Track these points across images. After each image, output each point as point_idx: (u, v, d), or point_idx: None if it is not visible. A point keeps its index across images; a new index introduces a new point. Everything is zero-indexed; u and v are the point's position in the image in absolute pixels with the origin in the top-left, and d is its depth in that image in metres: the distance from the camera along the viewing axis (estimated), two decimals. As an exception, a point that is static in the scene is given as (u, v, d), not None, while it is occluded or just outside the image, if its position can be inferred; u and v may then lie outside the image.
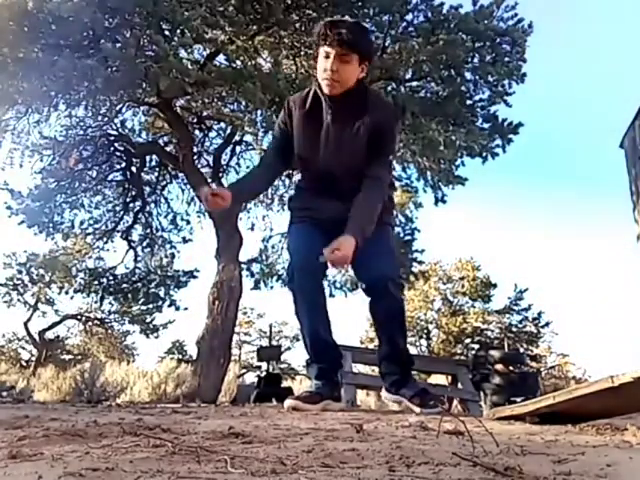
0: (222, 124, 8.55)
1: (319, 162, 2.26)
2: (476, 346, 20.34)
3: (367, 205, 2.16)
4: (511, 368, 5.97)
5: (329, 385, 2.29)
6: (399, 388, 2.31)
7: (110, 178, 9.05)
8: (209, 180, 8.30)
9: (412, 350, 21.25)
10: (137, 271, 9.80)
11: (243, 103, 6.63)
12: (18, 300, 16.90)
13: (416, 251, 9.52)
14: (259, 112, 6.69)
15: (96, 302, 10.86)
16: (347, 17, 2.45)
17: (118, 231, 9.37)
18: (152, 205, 9.42)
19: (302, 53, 6.83)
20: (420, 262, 9.83)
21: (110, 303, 11.70)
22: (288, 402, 2.18)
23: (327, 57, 2.08)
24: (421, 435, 1.35)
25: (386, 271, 2.27)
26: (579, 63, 34.01)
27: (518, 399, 3.76)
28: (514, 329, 21.27)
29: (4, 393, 7.81)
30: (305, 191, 2.47)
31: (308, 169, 2.39)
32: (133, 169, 8.95)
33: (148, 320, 15.89)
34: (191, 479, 0.83)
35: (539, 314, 21.26)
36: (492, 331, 21.60)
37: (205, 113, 7.88)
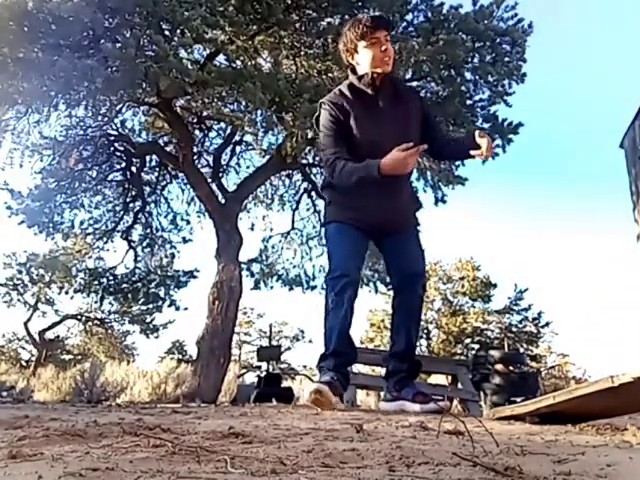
0: (222, 124, 8.55)
1: (380, 145, 2.22)
2: (476, 346, 20.33)
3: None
4: (511, 368, 5.97)
5: (343, 379, 2.29)
6: (403, 387, 2.33)
7: (110, 178, 9.05)
8: (209, 180, 8.30)
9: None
10: (137, 271, 9.81)
11: (243, 103, 6.63)
12: (18, 300, 16.93)
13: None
14: (259, 112, 6.69)
15: (96, 302, 10.86)
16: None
17: (118, 231, 9.38)
18: (152, 205, 9.43)
19: (302, 53, 6.82)
20: (420, 262, 9.80)
21: (110, 303, 11.71)
22: (315, 386, 2.11)
23: (375, 43, 2.30)
24: (421, 435, 1.35)
25: (421, 270, 2.45)
26: (579, 63, 34.02)
27: (518, 399, 3.76)
28: (514, 329, 21.26)
29: (4, 393, 7.81)
30: (353, 187, 2.33)
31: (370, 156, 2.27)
32: (133, 169, 8.95)
33: (148, 320, 15.91)
34: (191, 479, 0.83)
35: (539, 314, 21.26)
36: (492, 331, 21.60)
37: (205, 113, 7.88)
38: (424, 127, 2.43)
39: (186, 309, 10.83)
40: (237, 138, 8.83)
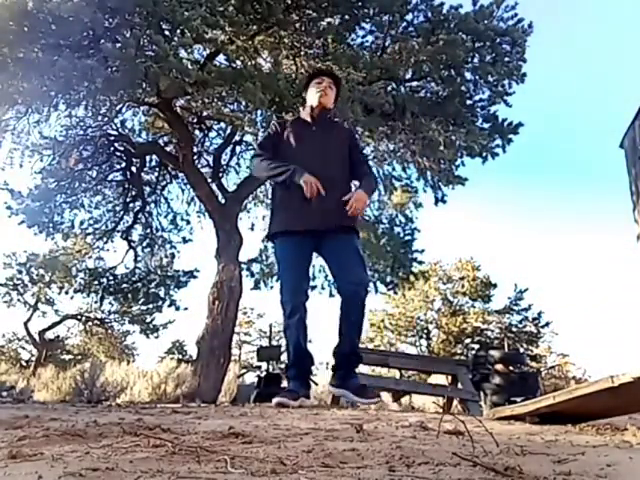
0: (222, 124, 8.54)
1: (304, 159, 2.84)
2: (476, 346, 20.32)
3: (369, 183, 2.92)
4: (511, 368, 5.96)
5: (304, 385, 2.80)
6: (347, 379, 2.76)
7: (110, 178, 9.04)
8: (209, 180, 8.30)
9: (412, 350, 21.28)
10: (137, 271, 9.80)
11: (243, 103, 6.62)
12: (18, 300, 16.92)
13: (416, 251, 9.49)
14: (259, 112, 6.68)
15: (96, 302, 10.86)
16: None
17: (118, 231, 9.37)
18: (152, 205, 9.43)
19: (302, 53, 6.82)
20: (420, 262, 9.80)
21: (110, 303, 11.71)
22: (275, 400, 2.63)
23: (318, 83, 2.98)
24: (421, 435, 1.35)
25: (362, 281, 2.79)
26: (579, 63, 34.00)
27: (518, 399, 3.76)
28: (514, 329, 21.25)
29: (4, 393, 7.80)
30: (286, 191, 2.88)
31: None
32: (133, 169, 8.95)
33: (148, 320, 15.90)
34: (191, 479, 0.83)
35: (539, 314, 21.25)
36: (492, 331, 21.58)
37: (205, 113, 7.87)
38: (349, 156, 2.99)
39: (186, 309, 10.84)
40: (237, 138, 8.82)
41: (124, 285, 9.96)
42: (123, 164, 8.93)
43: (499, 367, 5.90)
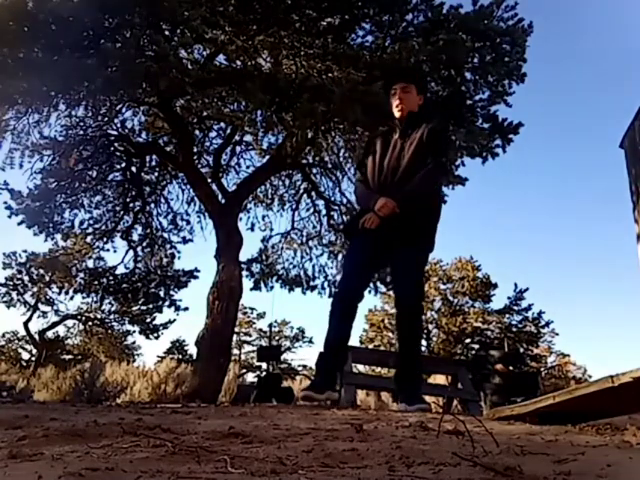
0: (222, 124, 8.54)
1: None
2: (476, 346, 20.31)
3: (413, 184, 2.78)
4: (511, 368, 5.96)
5: (331, 379, 2.81)
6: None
7: (110, 178, 9.02)
8: (209, 180, 8.29)
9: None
10: (137, 271, 9.79)
11: (243, 103, 6.61)
12: (18, 300, 16.92)
13: (416, 251, 9.48)
14: (259, 112, 6.68)
15: (96, 302, 10.87)
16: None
17: (118, 231, 9.36)
18: (152, 205, 9.41)
19: (302, 53, 6.81)
20: (420, 262, 9.79)
21: (110, 303, 11.71)
22: (302, 394, 2.71)
23: (394, 94, 2.97)
24: (421, 435, 1.35)
25: (409, 300, 2.82)
26: (579, 63, 34.01)
27: (518, 399, 3.76)
28: (514, 329, 21.23)
29: (4, 393, 7.81)
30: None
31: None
32: (133, 169, 8.94)
33: (148, 320, 15.90)
34: (191, 479, 0.83)
35: (539, 314, 21.23)
36: (492, 331, 21.56)
37: (205, 113, 7.86)
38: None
39: (186, 309, 10.84)
40: (237, 138, 8.81)
41: (124, 285, 9.96)
42: (123, 164, 8.92)
43: (499, 367, 5.89)
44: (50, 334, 18.54)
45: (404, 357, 2.81)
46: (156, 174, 9.32)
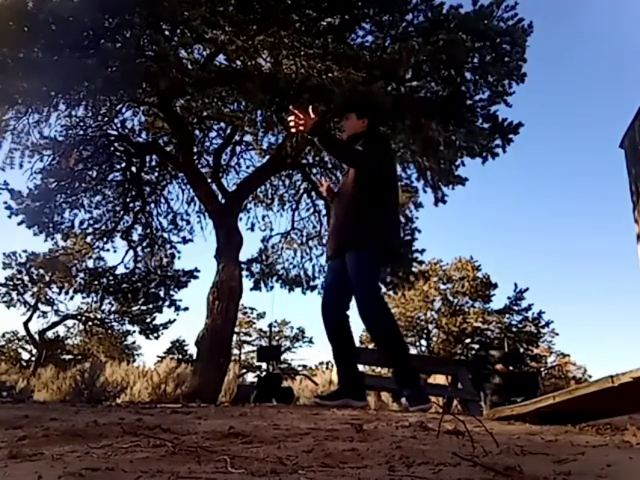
0: (222, 124, 8.53)
1: None
2: (476, 346, 20.31)
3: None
4: (511, 368, 5.96)
5: (348, 385, 2.91)
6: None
7: (110, 178, 9.02)
8: (209, 180, 8.29)
9: (412, 350, 21.26)
10: (137, 271, 9.79)
11: (243, 103, 6.61)
12: (18, 300, 16.91)
13: (416, 251, 9.48)
14: (259, 112, 6.68)
15: (96, 302, 10.86)
16: None
17: (118, 231, 9.36)
18: (152, 205, 9.41)
19: (302, 53, 6.81)
20: (420, 262, 9.80)
21: (110, 303, 11.71)
22: (313, 400, 3.04)
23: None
24: (421, 435, 1.35)
25: (357, 299, 2.96)
26: (580, 63, 34.00)
27: (518, 399, 3.76)
28: (514, 329, 21.23)
29: (4, 393, 7.81)
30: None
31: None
32: (133, 169, 8.93)
33: (148, 320, 15.90)
34: (191, 479, 0.83)
35: (539, 314, 21.23)
36: (492, 331, 21.57)
37: (205, 113, 7.86)
38: None
39: (186, 309, 10.83)
40: (237, 138, 8.81)
41: (124, 285, 9.96)
42: (123, 164, 8.91)
43: (499, 367, 5.89)
44: (50, 334, 18.55)
45: (387, 361, 3.09)
46: (156, 174, 9.32)
